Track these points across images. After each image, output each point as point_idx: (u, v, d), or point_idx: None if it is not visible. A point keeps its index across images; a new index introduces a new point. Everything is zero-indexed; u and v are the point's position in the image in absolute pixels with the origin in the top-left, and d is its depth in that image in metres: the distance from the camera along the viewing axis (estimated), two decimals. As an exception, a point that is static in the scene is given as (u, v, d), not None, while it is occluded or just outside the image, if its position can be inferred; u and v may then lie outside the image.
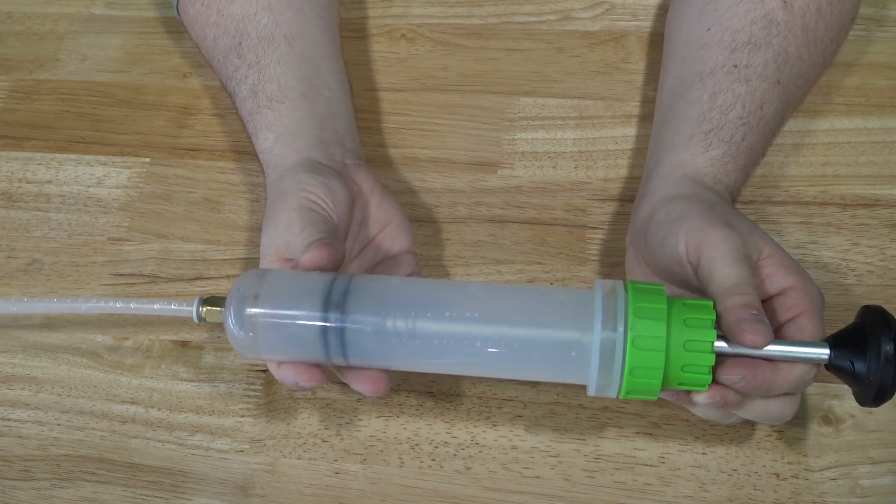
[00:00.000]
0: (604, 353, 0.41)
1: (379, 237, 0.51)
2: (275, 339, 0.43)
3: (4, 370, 0.54)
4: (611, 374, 0.41)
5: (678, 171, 0.49)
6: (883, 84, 0.61)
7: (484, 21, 0.67)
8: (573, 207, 0.58)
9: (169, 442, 0.51)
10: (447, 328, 0.42)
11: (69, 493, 0.50)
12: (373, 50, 0.66)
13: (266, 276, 0.44)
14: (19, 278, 0.58)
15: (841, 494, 0.47)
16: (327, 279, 0.44)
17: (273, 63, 0.54)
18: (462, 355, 0.43)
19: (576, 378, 0.43)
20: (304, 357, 0.44)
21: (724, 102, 0.50)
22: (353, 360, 0.44)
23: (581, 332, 0.41)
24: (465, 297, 0.44)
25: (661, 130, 0.53)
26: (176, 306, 0.46)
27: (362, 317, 0.43)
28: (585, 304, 0.42)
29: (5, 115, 0.65)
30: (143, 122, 0.64)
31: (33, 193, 0.61)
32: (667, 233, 0.45)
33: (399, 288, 0.44)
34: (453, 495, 0.49)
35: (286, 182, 0.49)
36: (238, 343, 0.44)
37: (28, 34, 0.70)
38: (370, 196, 0.51)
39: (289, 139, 0.52)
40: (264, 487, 0.50)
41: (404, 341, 0.43)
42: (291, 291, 0.44)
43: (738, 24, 0.52)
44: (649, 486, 0.48)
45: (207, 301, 0.45)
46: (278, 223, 0.47)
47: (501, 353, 0.42)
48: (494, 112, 0.63)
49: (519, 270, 0.56)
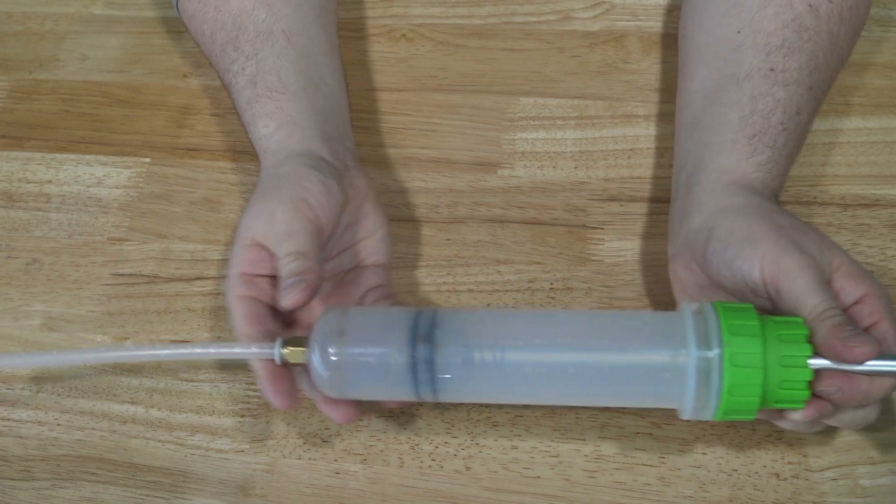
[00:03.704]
0: (700, 374, 0.41)
1: (360, 244, 0.52)
2: (363, 376, 0.43)
3: (4, 370, 0.54)
4: (707, 395, 0.41)
5: (725, 178, 0.49)
6: (883, 84, 0.61)
7: (484, 21, 0.67)
8: (573, 207, 0.58)
9: (169, 442, 0.51)
10: (538, 357, 0.42)
11: (69, 493, 0.50)
12: (373, 50, 0.66)
13: (348, 313, 0.44)
14: (19, 278, 0.58)
15: (841, 494, 0.47)
16: (411, 313, 0.44)
17: (272, 56, 0.54)
18: (554, 383, 0.42)
19: (668, 402, 0.43)
20: (391, 393, 0.44)
21: (764, 107, 0.50)
22: (443, 393, 0.44)
23: (675, 354, 0.41)
24: (552, 324, 0.44)
25: (694, 133, 0.52)
26: (257, 349, 0.45)
27: (452, 349, 0.43)
28: (675, 325, 0.42)
29: (5, 115, 0.65)
30: (143, 122, 0.64)
31: (33, 193, 0.61)
32: (736, 256, 0.44)
33: (485, 319, 0.44)
34: (453, 495, 0.49)
35: (286, 168, 0.49)
36: (324, 382, 0.44)
37: (28, 34, 0.70)
38: (363, 202, 0.51)
39: (292, 128, 0.52)
40: (264, 487, 0.50)
41: (495, 372, 0.42)
42: (377, 327, 0.44)
43: (769, 28, 0.51)
44: (649, 486, 0.48)
45: (289, 342, 0.44)
46: (266, 210, 0.47)
47: (594, 380, 0.42)
48: (494, 112, 0.63)
49: (519, 270, 0.56)
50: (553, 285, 0.55)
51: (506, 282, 0.55)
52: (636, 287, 0.55)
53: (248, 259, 0.46)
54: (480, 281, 0.55)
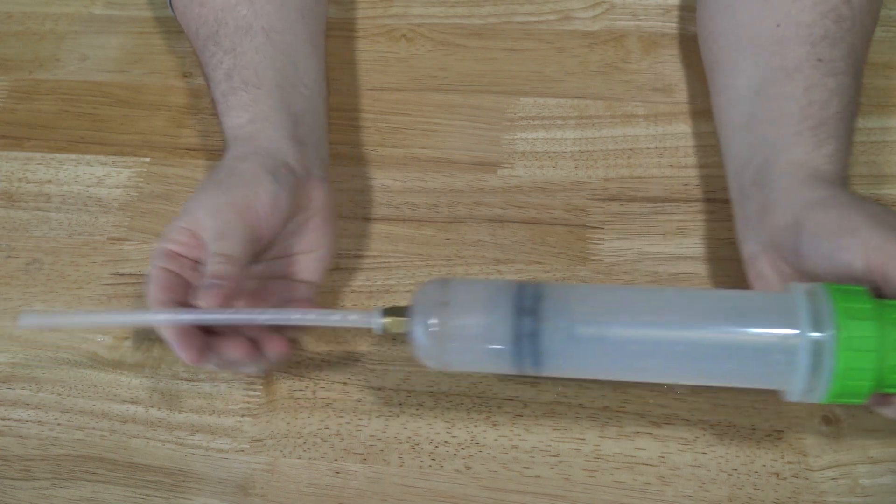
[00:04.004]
0: (812, 356, 0.40)
1: (297, 256, 0.52)
2: (465, 347, 0.43)
3: (4, 370, 0.54)
4: (819, 377, 0.40)
5: (801, 172, 0.48)
6: (883, 84, 0.61)
7: (484, 21, 0.67)
8: (573, 207, 0.58)
9: (169, 442, 0.51)
10: (645, 333, 0.42)
11: (69, 492, 0.50)
12: (373, 50, 0.66)
13: (450, 283, 0.44)
14: (19, 278, 0.58)
15: (841, 494, 0.47)
16: (513, 286, 0.43)
17: (250, 51, 0.54)
18: (660, 360, 0.42)
19: (776, 383, 0.42)
20: (491, 366, 0.44)
21: (819, 97, 0.49)
22: (545, 367, 0.43)
23: (787, 335, 0.41)
24: (660, 301, 0.43)
25: (750, 130, 0.52)
26: (356, 317, 0.45)
27: (557, 322, 0.42)
28: (787, 306, 0.41)
29: (5, 115, 0.66)
30: (143, 122, 0.64)
31: (33, 193, 0.61)
32: (836, 248, 0.44)
33: (590, 294, 0.44)
34: (453, 495, 0.49)
35: (245, 165, 0.49)
36: (425, 352, 0.44)
37: (28, 34, 0.70)
38: (314, 216, 0.51)
39: (263, 124, 0.52)
40: (264, 487, 0.50)
41: (600, 347, 0.42)
42: (481, 298, 0.43)
43: (808, 19, 0.51)
44: (649, 486, 0.48)
45: (389, 311, 0.44)
46: (212, 203, 0.47)
47: (701, 358, 0.42)
48: (494, 112, 0.63)
49: (519, 270, 0.56)
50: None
51: (506, 282, 0.55)
52: (636, 287, 0.55)
53: (180, 240, 0.47)
54: (480, 281, 0.56)
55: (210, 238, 0.47)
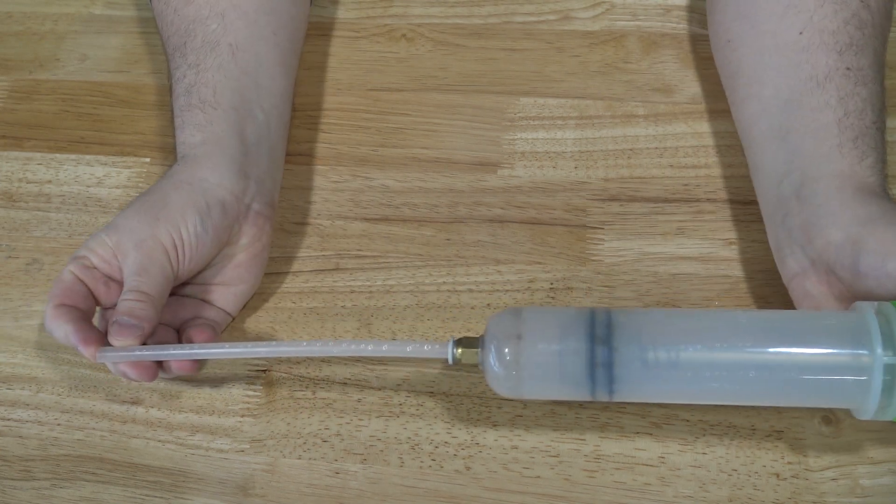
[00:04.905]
0: (886, 375, 0.41)
1: (215, 286, 0.52)
2: (541, 376, 0.44)
3: (4, 370, 0.54)
4: (892, 396, 0.41)
5: (848, 185, 0.47)
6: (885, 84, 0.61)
7: (484, 21, 0.67)
8: (573, 207, 0.58)
9: (169, 442, 0.51)
10: (719, 358, 0.42)
11: (69, 492, 0.50)
12: (373, 50, 0.66)
13: (522, 314, 0.45)
14: (19, 278, 0.58)
15: (841, 494, 0.47)
16: (585, 314, 0.44)
17: (212, 69, 0.54)
18: (733, 385, 0.43)
19: (848, 402, 0.43)
20: (566, 393, 0.45)
21: (854, 107, 0.49)
22: (618, 394, 0.44)
23: (859, 354, 0.41)
24: (730, 323, 0.44)
25: (785, 141, 0.50)
26: (429, 348, 0.46)
27: (631, 350, 0.43)
28: (858, 326, 0.42)
29: (5, 115, 0.66)
30: (143, 122, 0.64)
31: (33, 193, 0.61)
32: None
33: (663, 320, 0.44)
34: (453, 495, 0.49)
35: (184, 191, 0.50)
36: (499, 382, 0.44)
37: (28, 34, 0.70)
38: (240, 252, 0.52)
39: (213, 149, 0.52)
40: (264, 487, 0.50)
41: (674, 373, 0.43)
42: (554, 328, 0.44)
43: (832, 26, 0.50)
44: (649, 486, 0.48)
45: (461, 342, 0.45)
46: (140, 230, 0.48)
47: (773, 380, 0.42)
48: (494, 112, 0.63)
49: (519, 270, 0.56)
50: (553, 285, 0.55)
51: (506, 282, 0.55)
52: (636, 287, 0.55)
53: (101, 255, 0.48)
54: (480, 281, 0.55)
55: (129, 268, 0.47)
